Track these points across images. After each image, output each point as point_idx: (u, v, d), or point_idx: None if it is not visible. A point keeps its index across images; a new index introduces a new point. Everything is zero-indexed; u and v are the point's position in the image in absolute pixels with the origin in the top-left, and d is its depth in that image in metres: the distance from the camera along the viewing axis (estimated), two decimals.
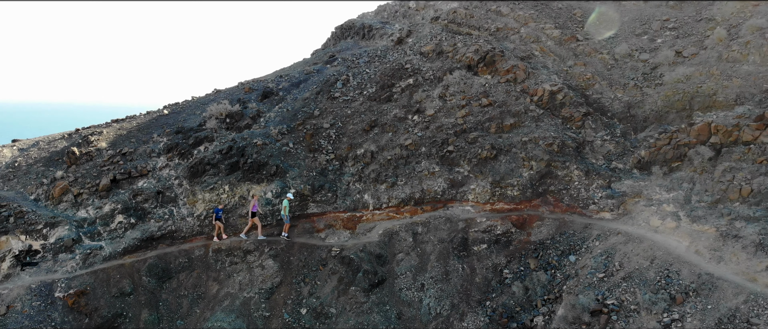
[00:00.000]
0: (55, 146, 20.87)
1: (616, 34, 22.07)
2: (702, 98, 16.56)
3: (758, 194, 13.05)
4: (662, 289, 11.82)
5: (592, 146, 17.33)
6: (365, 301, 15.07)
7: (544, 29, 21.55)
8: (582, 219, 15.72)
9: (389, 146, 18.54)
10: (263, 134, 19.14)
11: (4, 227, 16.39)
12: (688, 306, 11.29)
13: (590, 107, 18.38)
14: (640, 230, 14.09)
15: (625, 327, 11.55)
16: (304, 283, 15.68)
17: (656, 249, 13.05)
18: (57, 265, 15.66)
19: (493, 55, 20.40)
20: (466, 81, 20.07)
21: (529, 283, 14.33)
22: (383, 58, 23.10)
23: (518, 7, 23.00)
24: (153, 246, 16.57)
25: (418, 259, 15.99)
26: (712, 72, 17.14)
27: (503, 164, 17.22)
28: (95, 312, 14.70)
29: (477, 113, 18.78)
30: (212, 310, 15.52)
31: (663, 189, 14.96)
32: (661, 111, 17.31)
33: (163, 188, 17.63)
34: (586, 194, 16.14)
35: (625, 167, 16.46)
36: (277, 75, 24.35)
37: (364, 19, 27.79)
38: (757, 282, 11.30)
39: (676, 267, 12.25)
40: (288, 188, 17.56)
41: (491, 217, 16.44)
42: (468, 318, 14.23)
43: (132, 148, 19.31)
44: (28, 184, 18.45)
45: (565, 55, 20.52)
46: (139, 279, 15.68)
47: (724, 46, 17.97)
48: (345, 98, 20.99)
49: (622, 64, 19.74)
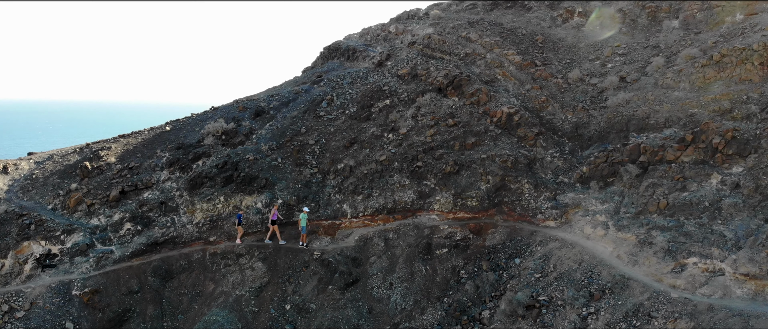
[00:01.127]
0: (68, 160, 22.81)
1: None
2: (637, 120, 18.61)
3: (672, 207, 15.08)
4: (584, 288, 13.84)
5: (542, 162, 19.35)
6: (341, 298, 17.04)
7: (507, 55, 23.59)
8: (530, 227, 17.74)
9: (366, 161, 20.52)
10: (255, 150, 21.12)
11: (26, 233, 18.35)
12: (603, 301, 13.31)
13: (543, 127, 20.41)
14: (575, 237, 16.11)
15: (551, 319, 13.56)
16: (289, 283, 17.65)
17: (585, 253, 15.08)
18: (73, 267, 17.61)
19: (460, 80, 22.42)
20: (436, 103, 22.07)
21: (480, 282, 16.32)
22: (365, 79, 25.09)
23: (486, 34, 25.04)
24: (157, 250, 18.52)
25: (388, 261, 17.96)
26: (648, 97, 19.20)
27: (464, 178, 19.23)
28: (107, 308, 16.65)
29: (444, 132, 20.78)
30: (209, 306, 17.47)
31: (598, 201, 16.99)
32: (604, 131, 19.36)
33: (165, 199, 19.59)
34: (535, 205, 18.16)
35: (570, 181, 18.49)
36: (269, 94, 26.32)
37: (350, 42, 29.80)
38: (662, 282, 13.34)
39: (598, 269, 14.27)
40: (276, 199, 19.55)
41: (453, 225, 18.44)
42: (428, 312, 16.22)
43: (138, 162, 21.26)
44: (45, 195, 20.39)
45: (524, 79, 22.56)
46: (145, 279, 17.63)
47: (661, 74, 20.04)
48: (329, 117, 22.98)
49: (574, 88, 21.79)
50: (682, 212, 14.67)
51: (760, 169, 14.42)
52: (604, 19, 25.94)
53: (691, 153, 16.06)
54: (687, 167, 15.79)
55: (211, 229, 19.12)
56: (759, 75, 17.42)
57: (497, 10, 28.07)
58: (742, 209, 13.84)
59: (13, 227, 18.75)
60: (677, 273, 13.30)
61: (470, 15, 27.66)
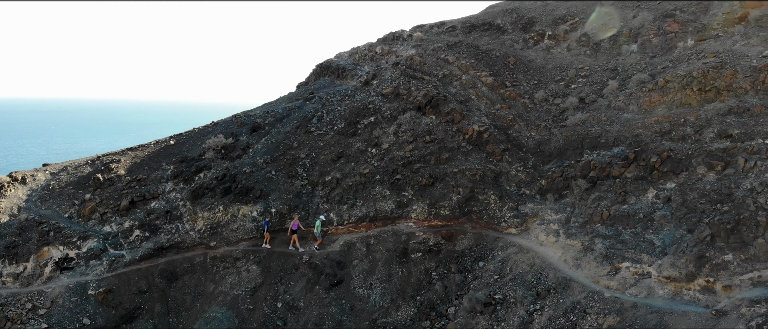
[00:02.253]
0: (81, 171, 24.58)
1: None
2: (591, 139, 20.52)
3: (613, 218, 16.97)
4: (533, 287, 15.73)
5: (507, 175, 21.24)
6: (326, 297, 18.88)
7: (481, 77, 25.50)
8: (494, 234, 19.63)
9: (352, 173, 22.38)
10: (251, 163, 22.96)
11: (46, 239, 20.14)
12: (548, 300, 15.19)
13: (509, 144, 22.31)
14: (531, 243, 18.01)
15: (504, 314, 15.44)
16: (280, 283, 19.48)
17: (537, 258, 16.97)
18: (88, 269, 19.40)
19: (437, 99, 24.31)
20: (415, 120, 23.95)
21: (448, 283, 18.19)
22: (352, 97, 26.96)
23: (462, 56, 26.94)
24: (163, 254, 20.32)
25: (369, 264, 19.82)
26: (601, 118, 21.13)
27: (438, 190, 21.11)
28: (120, 306, 18.45)
29: (421, 147, 22.65)
30: (209, 304, 19.29)
31: (553, 212, 18.89)
32: (562, 148, 21.26)
33: (170, 208, 21.40)
34: (500, 214, 20.05)
35: (531, 193, 20.38)
36: (265, 110, 28.17)
37: (340, 61, 31.68)
38: (598, 284, 15.23)
39: (546, 271, 16.16)
40: (269, 208, 21.39)
41: (427, 232, 20.31)
42: (402, 309, 18.07)
43: (145, 174, 23.06)
44: (62, 204, 22.15)
45: (495, 99, 24.47)
46: (153, 280, 19.43)
47: (614, 96, 21.97)
48: (319, 132, 24.83)
49: (539, 107, 23.71)
50: (621, 222, 16.58)
51: (688, 185, 16.32)
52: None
53: (633, 170, 17.98)
54: (629, 182, 17.70)
55: (211, 235, 20.94)
56: (697, 100, 19.36)
57: (475, 33, 30.00)
58: (671, 220, 15.74)
59: (34, 234, 20.54)
60: (612, 275, 15.19)
61: (450, 37, 29.57)
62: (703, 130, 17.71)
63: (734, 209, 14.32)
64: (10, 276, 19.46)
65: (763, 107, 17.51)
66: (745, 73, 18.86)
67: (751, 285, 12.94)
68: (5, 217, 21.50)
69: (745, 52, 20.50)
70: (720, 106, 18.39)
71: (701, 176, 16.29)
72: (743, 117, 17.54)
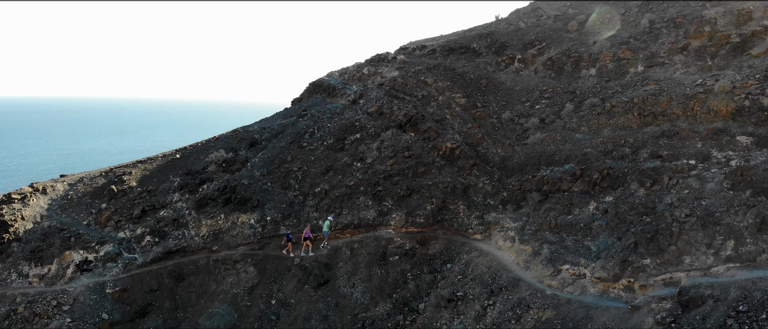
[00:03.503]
0: (96, 183, 26.77)
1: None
2: (547, 156, 22.90)
3: (559, 227, 19.35)
4: (489, 286, 18.07)
5: (475, 188, 23.60)
6: (314, 295, 21.15)
7: (455, 98, 27.87)
8: (462, 239, 21.97)
9: (338, 185, 24.68)
10: (249, 176, 25.22)
11: (68, 244, 22.34)
12: (499, 296, 17.53)
13: (478, 159, 24.67)
14: (491, 248, 20.35)
15: (464, 309, 17.76)
16: (274, 283, 21.74)
17: (494, 260, 19.32)
18: (106, 271, 21.60)
19: (416, 118, 26.65)
20: (396, 137, 26.28)
21: (420, 282, 20.50)
22: (341, 115, 29.27)
23: (440, 78, 29.32)
24: (171, 257, 22.54)
25: (353, 266, 22.10)
26: (557, 138, 23.53)
27: (415, 200, 23.43)
28: (133, 303, 20.66)
29: (401, 162, 24.98)
30: (212, 301, 21.52)
31: (511, 220, 21.25)
32: (523, 164, 23.64)
33: (177, 217, 23.62)
34: (467, 222, 22.39)
35: (495, 204, 22.74)
36: (262, 126, 30.44)
37: (331, 80, 33.99)
38: (542, 283, 17.58)
39: (500, 272, 18.51)
40: (265, 216, 23.64)
41: (404, 237, 22.62)
42: (380, 305, 20.36)
43: (154, 186, 25.28)
44: (80, 212, 24.34)
45: (467, 119, 26.84)
46: (163, 280, 21.65)
47: (569, 118, 24.38)
48: (310, 148, 27.13)
49: (505, 126, 26.10)
50: (565, 230, 18.94)
51: (622, 199, 18.71)
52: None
53: (579, 185, 20.37)
54: (575, 195, 20.09)
55: (213, 240, 23.17)
56: (637, 123, 21.79)
57: (453, 55, 32.39)
58: (606, 229, 18.12)
59: (57, 239, 22.74)
60: (554, 276, 17.54)
61: (430, 60, 31.95)
62: (638, 150, 20.14)
63: (655, 221, 16.71)
64: (36, 277, 21.66)
65: (690, 131, 19.95)
66: (678, 100, 21.32)
67: (663, 284, 15.31)
68: (29, 224, 23.70)
69: (683, 80, 22.97)
70: (655, 129, 20.83)
71: (634, 191, 18.69)
72: (673, 139, 19.97)
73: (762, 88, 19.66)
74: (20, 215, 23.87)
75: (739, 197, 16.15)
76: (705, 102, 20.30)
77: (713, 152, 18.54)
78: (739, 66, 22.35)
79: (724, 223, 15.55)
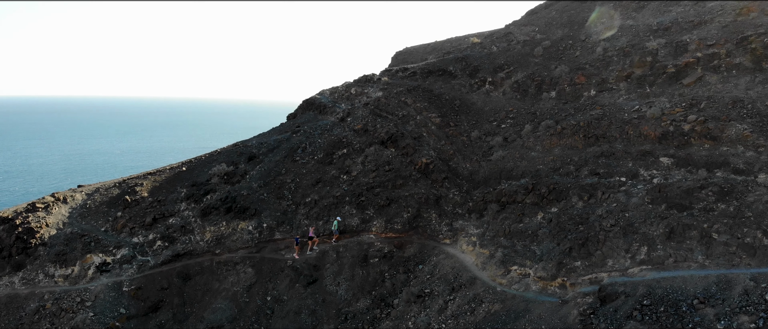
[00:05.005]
0: (111, 193, 29.31)
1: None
2: (506, 172, 25.74)
3: (511, 233, 22.16)
4: (451, 283, 20.84)
5: (446, 198, 26.38)
6: (304, 292, 23.83)
7: (431, 117, 30.68)
8: (434, 243, 24.73)
9: (327, 196, 27.37)
10: (248, 187, 27.86)
11: (88, 248, 24.87)
12: (459, 293, 20.30)
13: (449, 173, 27.46)
14: (456, 251, 23.13)
15: (429, 303, 20.52)
16: (269, 282, 24.38)
17: (458, 262, 22.09)
18: (122, 271, 24.16)
19: (396, 136, 29.42)
20: (378, 153, 29.03)
21: (396, 281, 23.23)
22: (330, 132, 31.98)
23: (418, 99, 32.13)
24: (179, 260, 25.12)
25: (338, 267, 24.79)
26: (516, 155, 26.37)
27: (393, 209, 26.17)
28: (147, 299, 23.23)
29: (382, 175, 27.72)
30: (215, 298, 24.11)
31: (474, 227, 24.04)
32: (487, 178, 26.46)
33: (184, 224, 26.21)
34: (439, 228, 25.15)
35: (462, 212, 25.52)
36: (260, 141, 33.08)
37: (322, 98, 36.71)
38: (495, 281, 20.37)
39: (461, 272, 21.28)
40: (262, 223, 26.28)
41: (383, 242, 25.34)
42: (360, 301, 23.06)
43: (164, 196, 27.86)
44: (98, 220, 26.88)
45: (440, 136, 29.65)
46: (172, 280, 24.23)
47: (528, 138, 27.24)
48: (302, 161, 29.80)
49: (473, 144, 28.93)
50: (517, 236, 21.76)
51: (564, 211, 21.56)
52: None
53: (531, 197, 23.19)
54: (526, 206, 22.92)
55: (216, 245, 25.78)
56: (582, 144, 24.67)
57: (431, 77, 35.21)
58: (548, 236, 20.93)
59: (78, 244, 25.28)
60: (504, 275, 20.34)
61: (410, 82, 34.75)
62: (581, 168, 23.02)
63: (586, 230, 19.56)
64: (61, 277, 24.20)
65: (624, 152, 22.85)
66: (616, 124, 24.23)
67: (589, 283, 18.13)
68: (53, 230, 26.23)
69: (623, 105, 25.90)
70: (596, 149, 23.72)
71: (574, 203, 21.55)
72: (610, 159, 22.86)
73: (685, 115, 22.62)
74: (44, 222, 26.40)
75: (656, 210, 19.04)
76: (638, 127, 23.22)
77: (641, 170, 21.44)
78: (671, 94, 25.32)
79: (640, 232, 18.42)
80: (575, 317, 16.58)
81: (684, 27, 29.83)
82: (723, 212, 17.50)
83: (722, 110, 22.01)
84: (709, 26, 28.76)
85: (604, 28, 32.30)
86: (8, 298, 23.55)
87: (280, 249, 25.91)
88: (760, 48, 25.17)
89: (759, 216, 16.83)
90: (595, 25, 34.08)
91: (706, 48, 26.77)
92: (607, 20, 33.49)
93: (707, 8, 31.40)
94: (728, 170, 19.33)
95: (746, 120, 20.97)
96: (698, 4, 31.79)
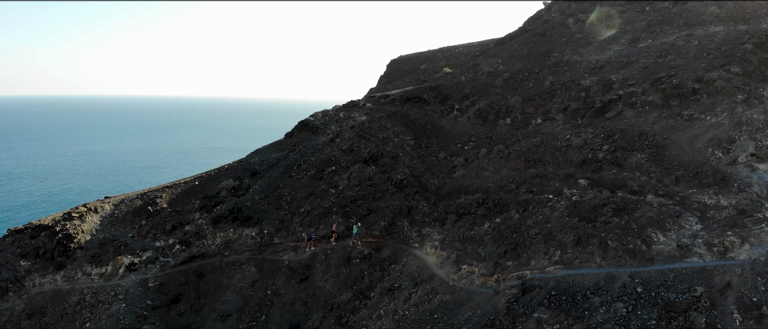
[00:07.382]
0: (135, 204, 33.48)
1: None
2: (464, 188, 30.48)
3: (464, 239, 26.87)
4: (414, 279, 25.47)
5: (416, 209, 31.03)
6: (298, 287, 28.29)
7: (406, 140, 35.34)
8: (405, 247, 29.35)
9: (317, 207, 31.85)
10: (251, 199, 32.23)
11: (119, 251, 29.07)
12: (420, 287, 24.94)
13: (420, 188, 32.12)
14: (422, 253, 27.79)
15: (398, 294, 25.12)
16: (269, 278, 28.80)
17: (422, 262, 26.74)
18: (147, 270, 28.39)
19: (377, 155, 34.01)
20: (362, 170, 33.59)
21: (373, 278, 27.80)
22: (322, 151, 36.47)
23: (396, 123, 36.78)
24: (194, 261, 29.41)
25: (326, 266, 29.28)
26: (472, 174, 31.13)
27: (373, 218, 30.74)
28: (169, 293, 27.50)
29: (364, 189, 32.28)
30: (225, 292, 28.46)
31: (438, 234, 28.72)
32: (450, 192, 31.17)
33: (198, 230, 30.51)
34: (410, 234, 29.78)
35: (429, 221, 30.19)
36: (261, 158, 37.46)
37: (315, 120, 41.18)
38: (449, 277, 25.04)
39: (424, 270, 25.94)
40: (263, 230, 30.67)
41: (364, 246, 29.88)
42: (343, 294, 27.59)
43: (180, 207, 32.11)
44: (126, 227, 31.06)
45: (414, 156, 34.32)
46: (189, 277, 28.52)
47: (483, 159, 32.03)
48: (298, 177, 34.26)
49: (441, 163, 33.64)
50: (468, 241, 26.47)
51: (504, 221, 26.32)
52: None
53: (481, 210, 27.93)
54: (477, 217, 27.66)
55: (225, 248, 30.10)
56: (523, 166, 29.50)
57: (408, 104, 39.89)
58: (491, 241, 25.66)
59: (110, 247, 29.45)
60: (456, 272, 25.03)
61: (390, 107, 39.39)
62: (520, 186, 27.82)
63: (518, 237, 24.32)
64: (96, 275, 28.37)
65: (553, 174, 27.70)
66: (550, 151, 29.10)
67: (517, 278, 22.87)
68: (88, 236, 30.37)
69: (558, 134, 30.81)
70: (533, 171, 28.57)
71: (512, 215, 26.33)
72: (542, 180, 27.70)
73: (601, 145, 27.55)
74: (80, 229, 30.55)
75: (570, 221, 23.87)
76: (565, 153, 28.11)
77: (564, 189, 26.31)
78: (596, 126, 30.29)
79: (557, 239, 23.23)
80: (502, 304, 21.30)
81: (614, 66, 34.91)
82: (616, 225, 22.39)
83: (630, 141, 26.99)
84: (634, 67, 33.85)
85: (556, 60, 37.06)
86: (53, 293, 27.68)
87: (278, 251, 30.35)
88: (669, 88, 30.26)
89: (641, 228, 21.73)
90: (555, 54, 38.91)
91: (628, 87, 31.83)
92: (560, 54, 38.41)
93: (638, 48, 36.54)
94: (626, 191, 24.26)
95: (646, 150, 25.95)
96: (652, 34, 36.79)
